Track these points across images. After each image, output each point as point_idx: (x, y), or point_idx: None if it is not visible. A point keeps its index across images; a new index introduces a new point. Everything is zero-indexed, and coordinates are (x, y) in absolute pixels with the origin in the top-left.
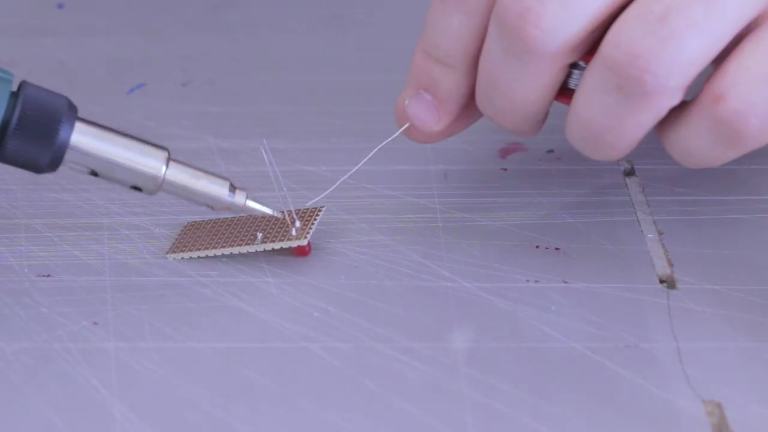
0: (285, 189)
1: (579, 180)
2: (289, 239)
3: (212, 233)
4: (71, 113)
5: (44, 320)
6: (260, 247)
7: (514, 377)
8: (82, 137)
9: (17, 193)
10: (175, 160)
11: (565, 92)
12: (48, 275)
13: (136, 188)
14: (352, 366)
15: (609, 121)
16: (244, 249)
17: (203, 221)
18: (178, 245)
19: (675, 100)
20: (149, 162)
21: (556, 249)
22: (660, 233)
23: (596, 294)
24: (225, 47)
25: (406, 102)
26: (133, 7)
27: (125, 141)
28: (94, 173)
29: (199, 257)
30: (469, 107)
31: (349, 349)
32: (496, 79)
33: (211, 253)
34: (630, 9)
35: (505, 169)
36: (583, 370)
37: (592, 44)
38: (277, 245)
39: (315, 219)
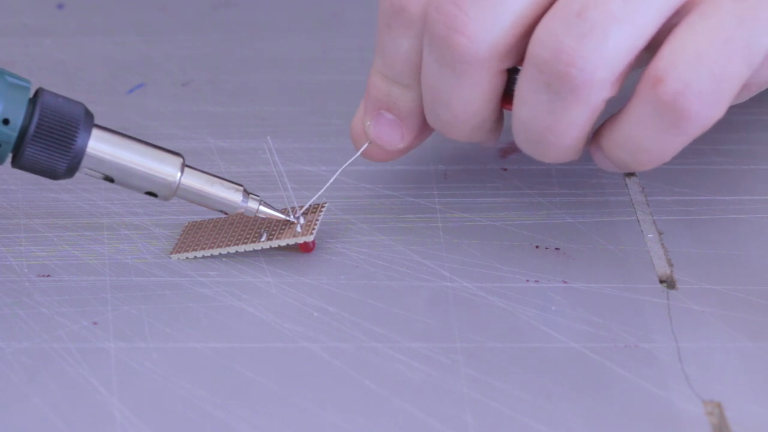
0: (289, 186)
1: (579, 180)
2: (294, 236)
3: (215, 232)
4: (88, 120)
5: (44, 320)
6: (266, 245)
7: (514, 377)
8: (98, 144)
9: (17, 193)
10: (189, 167)
11: (509, 99)
12: (48, 275)
13: (151, 194)
14: (352, 366)
15: (546, 120)
16: (250, 247)
17: (204, 221)
18: (182, 245)
19: (606, 92)
20: (164, 168)
21: (556, 249)
22: (660, 233)
23: (596, 294)
24: (225, 47)
25: (367, 123)
26: (133, 7)
27: (141, 147)
28: (110, 179)
29: (203, 257)
30: (425, 122)
31: (349, 349)
32: (437, 93)
33: (215, 252)
34: (552, 9)
35: (505, 169)
36: (583, 370)
37: (524, 49)
38: (283, 242)
39: (319, 215)
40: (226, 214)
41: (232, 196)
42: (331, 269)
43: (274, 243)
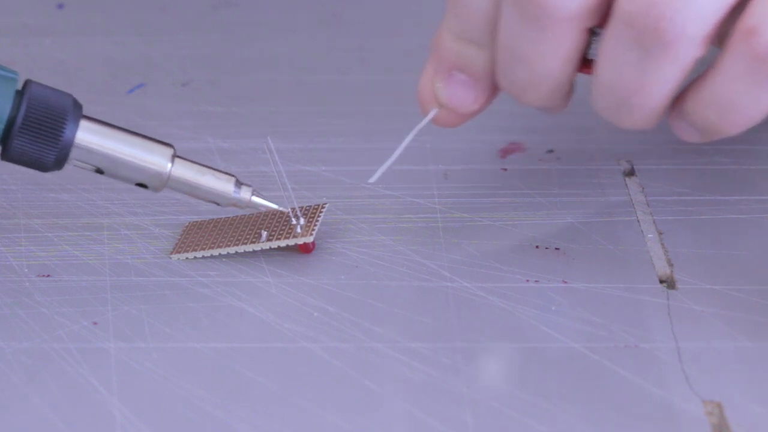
0: (288, 186)
1: (579, 180)
2: (294, 236)
3: (215, 232)
4: (76, 111)
5: (44, 320)
6: (266, 245)
7: (514, 377)
8: (87, 135)
9: (17, 193)
10: (180, 157)
11: (586, 63)
12: (48, 275)
13: (142, 185)
14: (352, 366)
15: (634, 80)
16: (249, 247)
17: (204, 221)
18: (182, 245)
19: (696, 50)
20: (154, 159)
21: (556, 249)
22: (660, 233)
23: (596, 294)
24: (225, 47)
25: (438, 85)
26: (133, 7)
27: (130, 138)
28: (100, 171)
29: (203, 257)
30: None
31: (349, 349)
32: (517, 51)
33: (215, 252)
34: None
35: (505, 169)
36: (583, 370)
37: (607, 8)
38: (283, 242)
39: (319, 215)
40: (218, 204)
41: (223, 186)
42: (331, 269)
43: (274, 243)
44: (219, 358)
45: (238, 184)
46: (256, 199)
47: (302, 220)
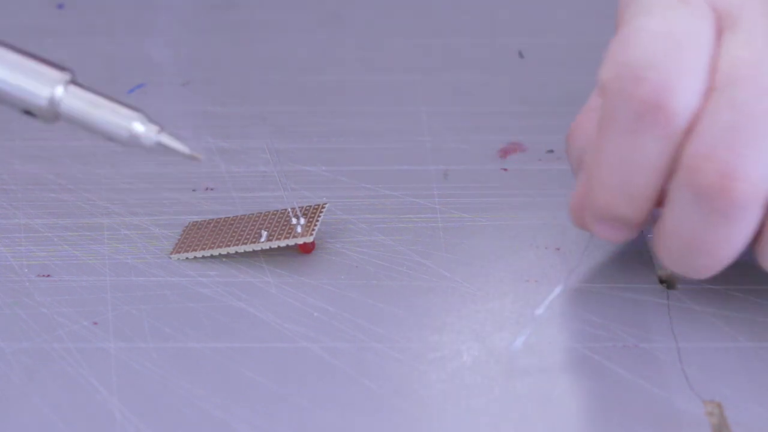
0: (288, 186)
1: None
2: (294, 236)
3: (215, 232)
4: None
5: (44, 320)
6: (266, 245)
7: (514, 377)
8: None
9: (17, 193)
10: (77, 85)
11: None
12: (48, 275)
13: (29, 113)
14: (352, 366)
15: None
16: (249, 247)
17: (204, 221)
18: (182, 245)
19: None
20: (40, 86)
21: (557, 249)
22: None
23: (596, 294)
24: (225, 47)
25: (591, 227)
26: (133, 7)
27: (19, 60)
28: None
29: (203, 257)
30: None
31: (349, 349)
32: (699, 245)
33: (215, 252)
34: None
35: (505, 169)
36: (583, 370)
37: None
38: (283, 243)
39: (319, 215)
40: (122, 144)
41: (122, 121)
42: (331, 269)
43: (274, 243)
44: (219, 358)
45: (144, 121)
46: (164, 140)
47: (302, 220)
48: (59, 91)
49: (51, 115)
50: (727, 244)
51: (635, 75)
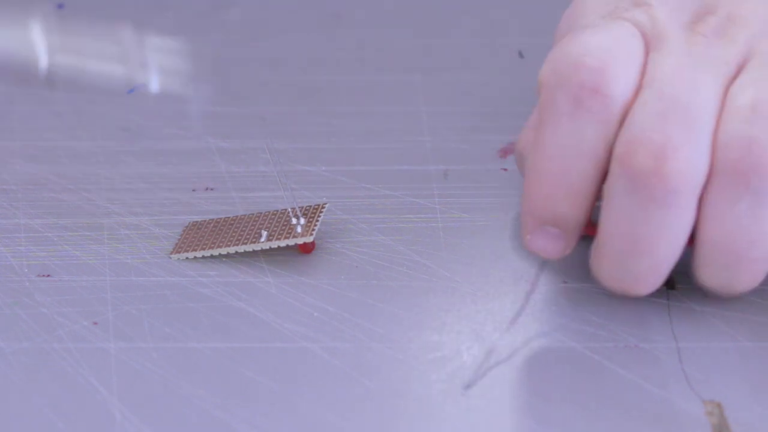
0: (289, 186)
1: None
2: (294, 236)
3: (215, 233)
4: None
5: (44, 320)
6: (266, 245)
7: (514, 377)
8: None
9: (17, 193)
10: None
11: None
12: (48, 275)
13: None
14: (352, 366)
15: (748, 230)
16: (249, 247)
17: (204, 221)
18: (182, 245)
19: None
20: None
21: None
22: None
23: (596, 294)
24: (225, 47)
25: (528, 237)
26: (132, 7)
27: None
28: None
29: (203, 257)
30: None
31: (349, 349)
32: (636, 242)
33: (215, 252)
34: (723, 114)
35: (505, 169)
36: (583, 370)
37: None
38: (283, 243)
39: (319, 215)
40: None
41: None
42: (331, 269)
43: (274, 243)
44: (219, 358)
45: None
46: None
47: (302, 220)
48: None
49: None
50: (665, 238)
51: (574, 62)
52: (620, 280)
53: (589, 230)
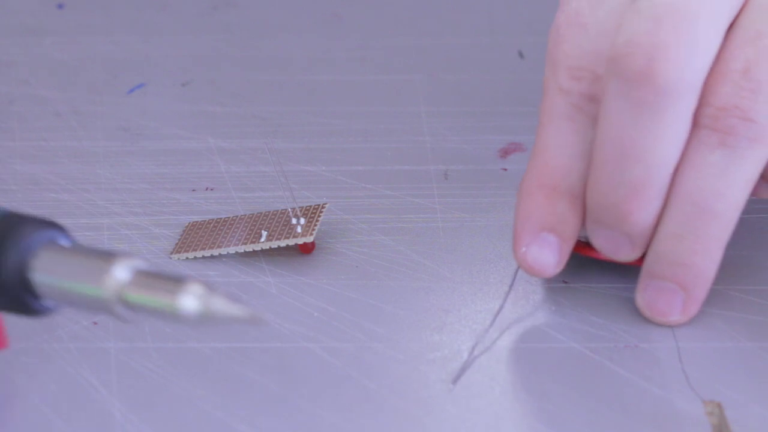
0: (290, 187)
1: None
2: (294, 236)
3: (215, 233)
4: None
5: (44, 320)
6: (266, 245)
7: (514, 377)
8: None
9: (17, 193)
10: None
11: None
12: None
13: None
14: (352, 366)
15: (716, 180)
16: (249, 247)
17: (204, 221)
18: (182, 245)
19: None
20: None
21: None
22: None
23: (596, 294)
24: (225, 47)
25: (523, 249)
26: (133, 7)
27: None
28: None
29: (203, 257)
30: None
31: (349, 349)
32: (629, 147)
33: (215, 252)
34: (714, 73)
35: (505, 169)
36: (583, 370)
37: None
38: (283, 243)
39: (319, 215)
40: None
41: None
42: (331, 269)
43: (274, 243)
44: (219, 358)
45: (196, 291)
46: (222, 308)
47: (302, 220)
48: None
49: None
50: (658, 144)
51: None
52: (613, 194)
53: (578, 248)
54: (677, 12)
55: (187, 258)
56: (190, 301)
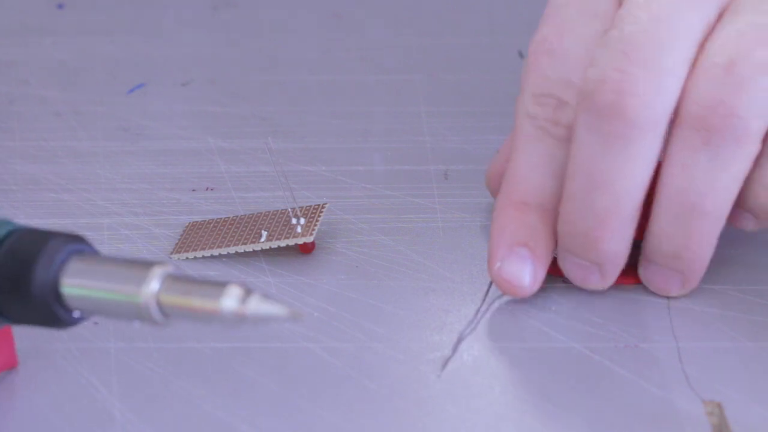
0: (290, 186)
1: None
2: (294, 236)
3: (215, 233)
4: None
5: None
6: (266, 245)
7: (514, 377)
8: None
9: (17, 193)
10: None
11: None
12: None
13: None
14: (352, 366)
15: (703, 180)
16: (249, 247)
17: (204, 221)
18: (182, 245)
19: (756, 147)
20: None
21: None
22: None
23: (596, 294)
24: (225, 47)
25: (498, 264)
26: (133, 7)
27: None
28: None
29: (203, 257)
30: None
31: (349, 349)
32: (598, 177)
33: (215, 252)
34: (696, 69)
35: None
36: (583, 370)
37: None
38: (283, 243)
39: (319, 215)
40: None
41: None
42: (331, 269)
43: (274, 243)
44: (219, 358)
45: (235, 294)
46: (262, 308)
47: (302, 220)
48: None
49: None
50: (626, 174)
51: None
52: (582, 222)
53: (552, 269)
54: (645, 44)
55: (187, 258)
56: (232, 303)
